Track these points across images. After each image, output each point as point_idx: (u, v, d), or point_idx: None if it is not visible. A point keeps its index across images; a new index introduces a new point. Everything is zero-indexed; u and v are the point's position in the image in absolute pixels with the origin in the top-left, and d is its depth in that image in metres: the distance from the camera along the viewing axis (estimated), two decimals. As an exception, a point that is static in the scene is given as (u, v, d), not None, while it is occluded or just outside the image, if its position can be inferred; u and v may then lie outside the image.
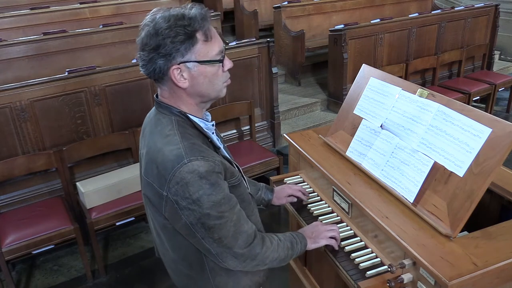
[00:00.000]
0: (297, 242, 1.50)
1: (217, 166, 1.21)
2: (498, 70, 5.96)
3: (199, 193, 1.17)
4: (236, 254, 1.29)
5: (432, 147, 1.53)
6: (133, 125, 3.37)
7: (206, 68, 1.24)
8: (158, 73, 1.22)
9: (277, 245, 1.41)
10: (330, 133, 2.05)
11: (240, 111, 3.80)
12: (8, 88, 2.94)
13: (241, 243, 1.28)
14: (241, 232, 1.28)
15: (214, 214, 1.20)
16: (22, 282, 2.98)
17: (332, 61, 4.84)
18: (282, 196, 1.84)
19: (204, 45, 1.22)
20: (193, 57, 1.21)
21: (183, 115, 1.28)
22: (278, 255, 1.41)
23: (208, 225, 1.21)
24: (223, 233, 1.24)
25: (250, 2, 6.40)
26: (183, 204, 1.19)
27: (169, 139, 1.23)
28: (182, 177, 1.17)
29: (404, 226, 1.45)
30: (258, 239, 1.35)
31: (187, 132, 1.26)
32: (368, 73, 1.96)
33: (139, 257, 3.16)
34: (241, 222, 1.29)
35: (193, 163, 1.17)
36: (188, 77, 1.23)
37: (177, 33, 1.17)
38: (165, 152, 1.20)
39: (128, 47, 4.45)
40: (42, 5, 5.27)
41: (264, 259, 1.36)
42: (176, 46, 1.18)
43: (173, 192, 1.19)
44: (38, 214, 2.87)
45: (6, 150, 3.00)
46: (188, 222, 1.22)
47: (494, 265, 1.26)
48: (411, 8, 6.61)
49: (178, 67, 1.21)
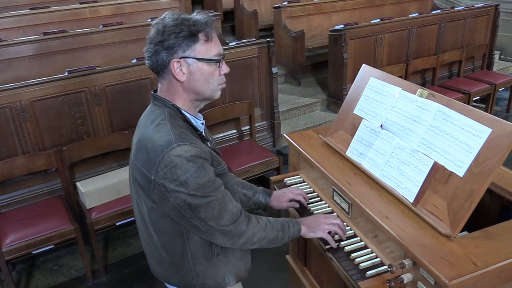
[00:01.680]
0: (290, 226, 1.54)
1: (203, 153, 1.31)
2: (498, 70, 5.96)
3: (186, 176, 1.26)
4: (223, 231, 1.37)
5: (432, 147, 1.53)
6: (133, 125, 3.33)
7: (203, 66, 1.35)
8: (160, 65, 1.33)
9: (264, 225, 1.47)
10: (330, 133, 2.05)
11: (240, 111, 3.80)
12: (8, 88, 2.94)
13: (226, 221, 1.36)
14: (226, 211, 1.36)
15: (199, 194, 1.29)
16: (22, 282, 2.98)
17: (332, 61, 4.84)
18: (283, 200, 1.83)
19: (204, 45, 1.34)
20: (193, 54, 1.32)
21: (176, 109, 1.38)
22: (266, 235, 1.47)
23: (194, 204, 1.30)
24: (209, 212, 1.32)
25: (250, 2, 6.40)
26: (170, 187, 1.28)
27: (160, 127, 1.33)
28: (170, 160, 1.26)
29: (404, 226, 1.45)
30: (243, 217, 1.42)
31: (177, 123, 1.35)
32: (368, 73, 1.96)
33: (139, 257, 3.16)
34: (225, 201, 1.37)
35: (181, 147, 1.27)
36: (186, 71, 1.34)
37: (181, 30, 1.29)
38: (155, 139, 1.30)
39: (128, 47, 4.45)
40: (42, 5, 5.27)
41: (251, 237, 1.43)
42: (178, 41, 1.30)
43: (160, 176, 1.28)
44: (38, 214, 2.87)
45: (6, 150, 3.00)
46: (176, 204, 1.30)
47: (494, 265, 1.26)
48: (411, 8, 6.61)
49: (178, 61, 1.32)
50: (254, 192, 1.79)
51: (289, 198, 1.84)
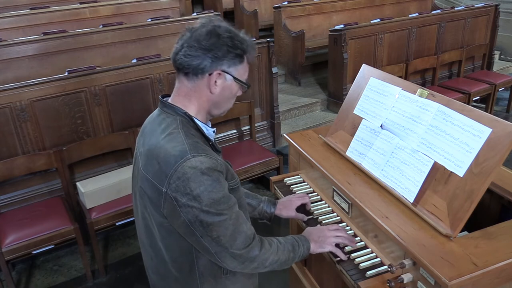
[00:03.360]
0: (299, 244, 1.48)
1: (219, 165, 1.23)
2: (498, 70, 5.96)
3: (200, 189, 1.18)
4: (234, 255, 1.28)
5: (432, 147, 1.53)
6: (133, 125, 3.37)
7: (235, 86, 1.33)
8: (199, 69, 1.26)
9: (276, 248, 1.40)
10: (330, 133, 2.05)
11: (240, 111, 3.80)
12: (8, 88, 2.94)
13: (239, 244, 1.28)
14: (240, 232, 1.28)
15: (213, 211, 1.21)
16: (22, 282, 2.98)
17: (332, 61, 4.84)
18: (292, 209, 1.76)
19: (245, 67, 1.34)
20: (234, 72, 1.30)
21: (188, 117, 1.31)
22: (278, 258, 1.40)
23: (207, 222, 1.21)
24: (221, 231, 1.24)
25: (250, 2, 6.40)
26: (182, 201, 1.19)
27: (172, 136, 1.25)
28: (184, 172, 1.18)
29: (404, 226, 1.45)
30: (257, 241, 1.34)
31: (190, 132, 1.28)
32: (368, 73, 1.96)
33: (139, 257, 3.15)
34: (239, 221, 1.29)
35: (196, 158, 1.19)
36: (220, 85, 1.30)
37: (235, 46, 1.27)
38: (168, 148, 1.22)
39: (128, 47, 4.45)
40: (42, 5, 5.27)
41: (263, 262, 1.35)
42: (230, 55, 1.27)
43: (173, 188, 1.19)
44: (38, 214, 2.87)
45: (6, 150, 3.00)
46: (187, 220, 1.22)
47: (494, 265, 1.26)
48: (411, 8, 6.61)
49: (220, 73, 1.28)
50: (258, 202, 1.73)
51: (297, 205, 1.78)
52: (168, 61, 3.46)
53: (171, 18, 4.77)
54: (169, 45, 4.54)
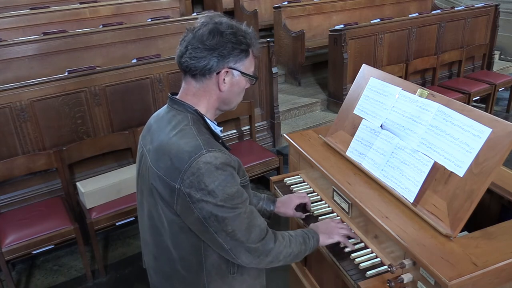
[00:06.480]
0: (309, 237, 1.49)
1: (232, 161, 1.24)
2: (498, 70, 5.96)
3: (215, 184, 1.18)
4: (250, 249, 1.28)
5: (432, 147, 1.53)
6: (133, 125, 3.37)
7: (243, 80, 1.33)
8: (206, 70, 1.26)
9: (289, 240, 1.41)
10: (330, 133, 2.05)
11: (240, 111, 3.80)
12: (8, 88, 2.94)
13: (254, 237, 1.28)
14: (254, 226, 1.28)
15: (227, 206, 1.21)
16: (22, 282, 2.98)
17: (332, 61, 4.85)
18: (291, 207, 1.76)
19: (251, 60, 1.34)
20: (241, 67, 1.30)
21: (198, 114, 1.31)
22: (292, 251, 1.41)
23: (222, 217, 1.21)
24: (236, 225, 1.24)
25: (250, 2, 6.40)
26: (196, 196, 1.19)
27: (184, 132, 1.25)
28: (198, 167, 1.17)
29: (404, 226, 1.45)
30: (270, 234, 1.35)
31: (201, 129, 1.28)
32: (368, 73, 1.96)
33: (139, 257, 3.14)
34: (254, 215, 1.30)
35: (210, 154, 1.19)
36: (228, 82, 1.30)
37: (240, 41, 1.27)
38: (181, 144, 1.22)
39: (128, 47, 4.45)
40: (42, 5, 5.27)
41: (277, 255, 1.36)
42: (235, 52, 1.27)
43: (186, 184, 1.19)
44: (38, 214, 2.87)
45: (6, 150, 3.00)
46: (201, 216, 1.21)
47: (494, 265, 1.26)
48: (411, 8, 6.61)
49: (227, 70, 1.28)
50: (258, 200, 1.72)
51: (296, 204, 1.78)
52: (168, 61, 3.46)
53: (171, 18, 4.77)
54: (169, 45, 4.54)
